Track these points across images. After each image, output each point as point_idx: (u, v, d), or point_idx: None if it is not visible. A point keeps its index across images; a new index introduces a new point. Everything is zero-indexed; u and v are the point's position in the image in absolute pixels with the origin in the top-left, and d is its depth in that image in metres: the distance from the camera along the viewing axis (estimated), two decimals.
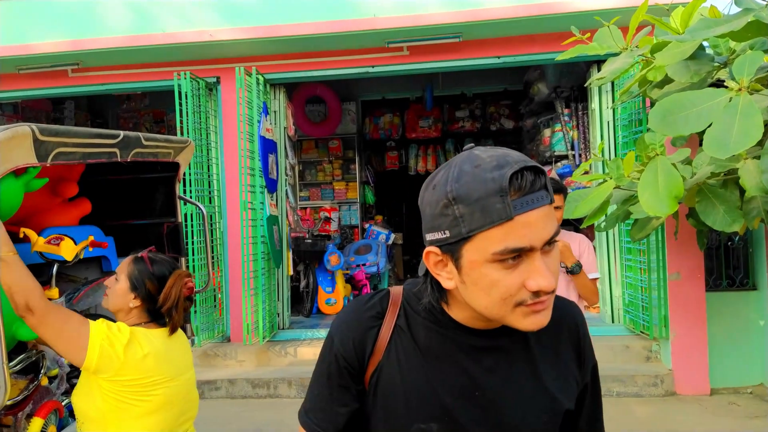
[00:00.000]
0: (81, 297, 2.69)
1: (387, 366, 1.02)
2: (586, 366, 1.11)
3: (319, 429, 1.06)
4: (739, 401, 4.71)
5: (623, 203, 3.05)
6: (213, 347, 5.55)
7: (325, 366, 1.07)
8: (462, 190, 0.87)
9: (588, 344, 1.13)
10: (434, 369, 1.00)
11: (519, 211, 0.85)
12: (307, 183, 9.04)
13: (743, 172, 2.44)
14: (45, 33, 5.49)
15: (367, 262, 7.44)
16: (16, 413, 2.15)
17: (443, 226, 0.90)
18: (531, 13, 4.90)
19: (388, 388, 1.01)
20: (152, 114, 9.07)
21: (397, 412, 1.00)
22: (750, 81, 2.13)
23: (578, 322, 1.12)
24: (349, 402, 1.05)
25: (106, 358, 1.80)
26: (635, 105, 4.87)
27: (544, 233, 0.87)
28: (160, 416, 1.91)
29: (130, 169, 2.71)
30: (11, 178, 1.96)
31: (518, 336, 1.03)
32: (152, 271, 1.95)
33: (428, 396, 0.99)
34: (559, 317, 1.07)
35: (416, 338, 1.02)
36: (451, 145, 9.53)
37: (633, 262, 5.17)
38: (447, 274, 0.95)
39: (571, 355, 1.09)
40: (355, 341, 1.04)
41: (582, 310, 1.30)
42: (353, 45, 5.49)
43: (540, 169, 0.89)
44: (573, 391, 1.08)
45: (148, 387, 1.87)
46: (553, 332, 1.06)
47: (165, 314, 1.94)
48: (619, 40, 2.96)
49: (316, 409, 1.07)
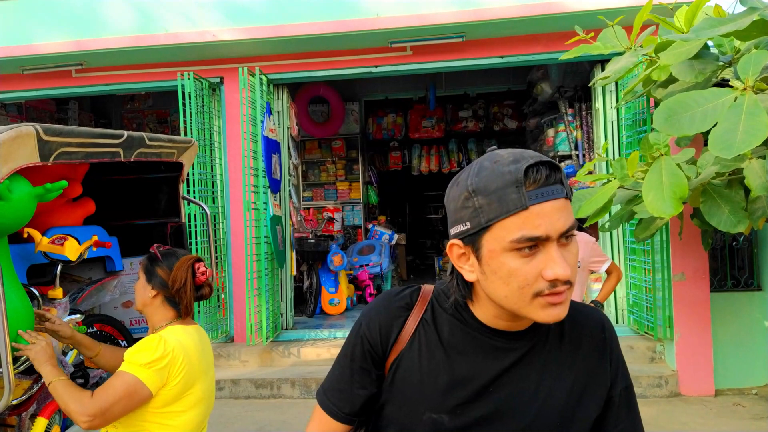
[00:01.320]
0: (85, 297, 2.70)
1: (408, 355, 1.06)
2: (616, 373, 1.10)
3: (335, 408, 1.10)
4: (743, 402, 4.69)
5: (627, 203, 3.04)
6: (216, 347, 5.56)
7: (350, 348, 1.11)
8: (481, 183, 0.93)
9: (616, 353, 1.11)
10: (453, 364, 1.03)
11: (534, 201, 0.89)
12: (310, 183, 9.05)
13: (748, 172, 2.43)
14: (49, 33, 5.51)
15: (371, 263, 7.44)
16: (20, 413, 2.15)
17: (465, 218, 0.96)
18: (534, 13, 4.89)
19: (406, 376, 1.05)
20: (156, 114, 9.09)
21: (412, 400, 1.04)
22: (755, 80, 2.12)
23: (605, 328, 1.12)
24: (368, 385, 1.09)
25: (162, 372, 1.82)
26: (639, 105, 4.86)
27: (559, 224, 0.91)
28: (195, 412, 1.94)
29: (134, 169, 2.72)
30: (26, 191, 1.95)
31: (540, 339, 1.05)
32: (163, 261, 1.99)
33: (443, 388, 1.02)
34: (583, 323, 1.10)
35: (440, 333, 1.06)
36: (454, 145, 9.53)
37: (637, 263, 5.16)
38: (469, 267, 0.99)
39: (595, 362, 1.08)
40: (381, 327, 1.08)
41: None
42: (356, 45, 5.49)
43: (556, 165, 0.93)
44: (597, 398, 1.06)
45: (191, 380, 1.90)
46: (575, 337, 1.08)
47: (175, 296, 1.96)
48: (623, 40, 2.96)
49: (334, 389, 1.12)
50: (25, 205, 1.96)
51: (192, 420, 1.92)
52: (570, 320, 1.08)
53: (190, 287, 1.97)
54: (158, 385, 1.81)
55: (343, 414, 1.10)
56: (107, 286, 2.82)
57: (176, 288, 1.95)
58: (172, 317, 1.98)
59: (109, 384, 1.82)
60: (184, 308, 1.98)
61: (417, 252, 10.53)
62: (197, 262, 2.01)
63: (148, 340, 1.88)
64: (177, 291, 1.95)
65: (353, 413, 1.10)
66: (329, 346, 5.57)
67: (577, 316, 1.10)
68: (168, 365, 1.83)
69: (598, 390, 1.07)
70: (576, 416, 1.03)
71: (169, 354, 1.84)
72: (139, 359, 1.81)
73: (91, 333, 2.78)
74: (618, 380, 1.10)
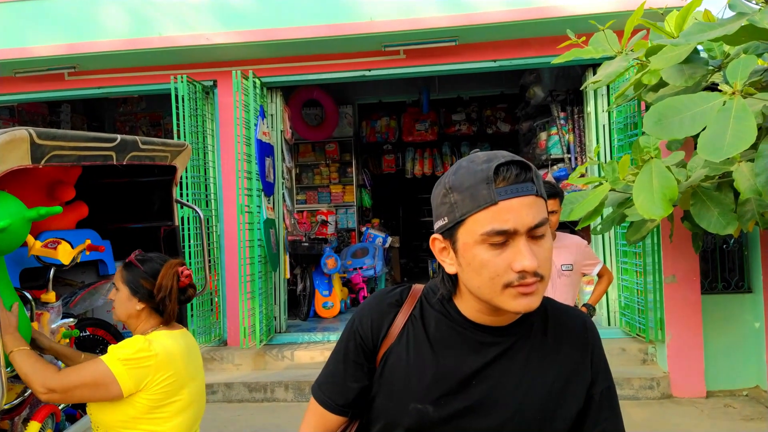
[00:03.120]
0: (78, 301, 2.69)
1: (397, 349, 1.12)
2: (597, 372, 1.13)
3: (329, 401, 1.17)
4: (734, 403, 4.73)
5: (619, 206, 3.06)
6: (210, 351, 5.54)
7: (344, 343, 1.18)
8: (457, 181, 1.01)
9: (598, 353, 1.14)
10: (438, 357, 1.09)
11: (503, 197, 0.97)
12: (304, 186, 9.05)
13: (737, 175, 2.46)
14: (42, 36, 5.49)
15: (364, 266, 7.44)
16: (13, 417, 2.14)
17: (443, 213, 1.04)
18: (526, 17, 4.92)
19: (394, 369, 1.11)
20: (149, 117, 9.06)
21: (399, 392, 1.10)
22: (743, 85, 2.15)
23: (587, 327, 1.17)
24: (360, 378, 1.15)
25: (138, 373, 1.80)
26: (630, 108, 4.89)
27: (527, 219, 0.97)
28: (184, 416, 1.92)
29: (127, 172, 2.72)
30: (19, 217, 1.94)
31: (523, 335, 1.10)
32: (144, 270, 1.96)
33: (428, 380, 1.08)
34: (566, 322, 1.15)
35: (427, 328, 1.12)
36: (448, 149, 9.55)
37: (629, 265, 5.19)
38: (449, 260, 1.06)
39: (576, 359, 1.12)
40: (373, 322, 1.15)
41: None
42: (350, 48, 5.51)
43: (527, 165, 1.00)
44: (577, 395, 1.10)
45: (177, 386, 1.88)
46: (558, 335, 1.12)
47: (159, 304, 1.94)
48: (615, 44, 2.99)
49: (329, 383, 1.19)
50: (19, 231, 1.95)
51: (180, 425, 1.91)
52: (553, 319, 1.13)
53: (174, 295, 1.95)
54: (130, 385, 1.79)
55: (337, 406, 1.16)
56: (100, 290, 2.81)
57: (161, 296, 1.93)
58: (157, 324, 1.97)
59: (82, 367, 1.82)
60: (167, 315, 1.96)
61: (411, 255, 10.54)
62: (180, 266, 2.00)
63: (134, 339, 1.88)
64: (162, 299, 1.93)
65: (346, 405, 1.16)
66: (323, 349, 5.57)
67: (561, 315, 1.15)
68: (148, 369, 1.81)
69: (578, 387, 1.10)
70: (557, 411, 1.08)
71: (153, 358, 1.82)
72: (119, 354, 1.81)
73: (84, 337, 2.77)
74: (599, 379, 1.13)
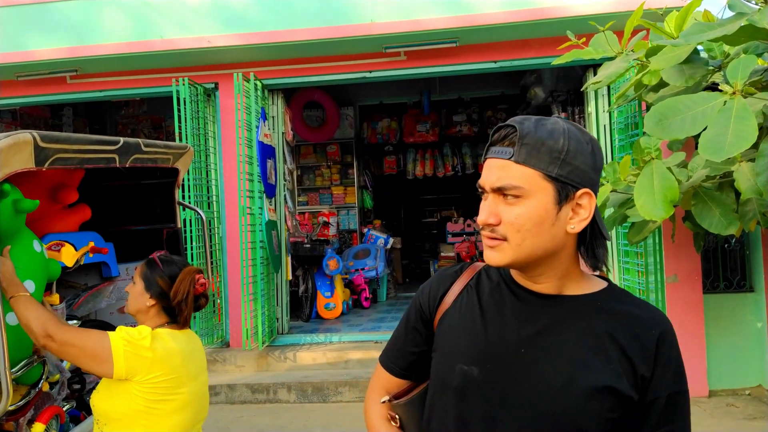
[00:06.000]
0: (81, 303, 2.70)
1: (451, 314, 1.19)
2: (662, 375, 1.07)
3: (392, 365, 1.30)
4: (737, 403, 4.73)
5: (620, 207, 3.07)
6: (212, 352, 5.55)
7: (407, 313, 1.30)
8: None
9: (667, 356, 1.08)
10: (488, 323, 1.14)
11: (486, 156, 1.09)
12: (305, 188, 9.06)
13: (738, 175, 2.46)
14: (43, 40, 5.51)
15: (366, 267, 7.45)
16: (17, 419, 2.15)
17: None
18: (527, 18, 4.93)
19: (446, 331, 1.18)
20: (150, 120, 9.08)
21: (448, 353, 1.16)
22: (744, 84, 2.15)
23: (661, 329, 1.09)
24: (419, 344, 1.26)
25: (134, 362, 1.83)
26: (631, 109, 4.89)
27: (491, 179, 1.06)
28: (182, 415, 1.94)
29: (130, 175, 2.73)
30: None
31: (581, 311, 1.10)
32: (163, 270, 2.00)
33: (476, 343, 1.13)
34: (639, 314, 1.10)
35: (480, 296, 1.18)
36: (449, 150, 9.56)
37: (630, 265, 5.19)
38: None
39: (634, 351, 1.06)
40: (431, 291, 1.25)
41: None
42: (351, 50, 5.52)
43: (514, 129, 1.04)
44: (624, 384, 1.04)
45: (175, 385, 1.90)
46: (624, 322, 1.09)
47: (176, 308, 1.98)
48: (615, 45, 2.99)
49: (392, 348, 1.32)
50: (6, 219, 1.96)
51: (180, 423, 1.94)
52: (625, 308, 1.11)
53: (191, 300, 2.00)
54: (122, 370, 1.81)
55: (399, 370, 1.29)
56: (103, 292, 2.82)
57: (178, 300, 1.98)
58: (163, 323, 2.01)
59: (88, 332, 1.87)
60: (183, 320, 2.01)
61: (413, 256, 10.54)
62: (198, 273, 2.03)
63: (142, 328, 1.92)
64: (178, 303, 1.98)
65: (407, 369, 1.28)
66: (325, 351, 5.58)
67: (635, 309, 1.11)
68: (143, 362, 1.84)
69: (632, 375, 1.05)
70: (603, 394, 1.03)
71: (150, 354, 1.85)
72: (124, 334, 1.85)
73: None
74: (663, 383, 1.07)
